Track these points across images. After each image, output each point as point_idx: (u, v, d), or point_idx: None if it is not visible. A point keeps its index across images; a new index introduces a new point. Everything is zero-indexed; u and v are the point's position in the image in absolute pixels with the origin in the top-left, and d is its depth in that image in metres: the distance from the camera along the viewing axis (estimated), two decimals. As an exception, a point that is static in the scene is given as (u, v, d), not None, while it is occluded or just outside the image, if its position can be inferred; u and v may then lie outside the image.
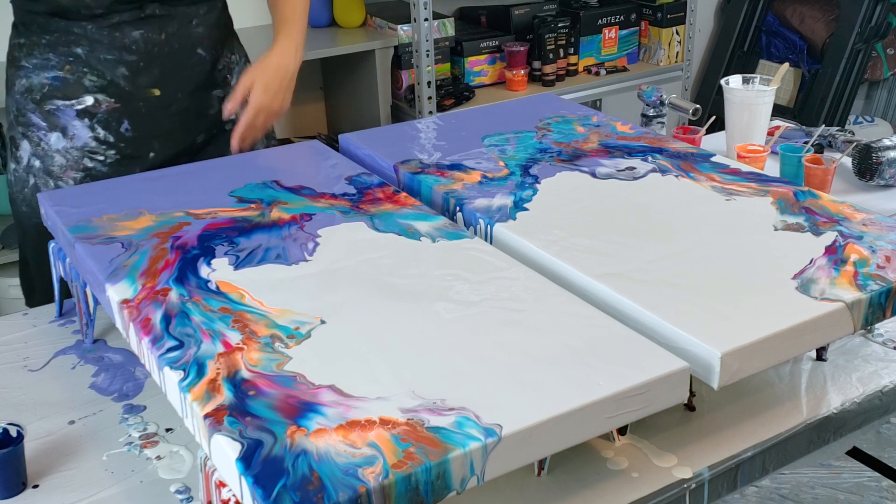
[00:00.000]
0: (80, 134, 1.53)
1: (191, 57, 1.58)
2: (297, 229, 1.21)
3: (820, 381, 1.17)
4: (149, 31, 1.53)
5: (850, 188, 1.77)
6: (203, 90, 1.62)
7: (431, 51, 2.75)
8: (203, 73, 1.61)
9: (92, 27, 1.51)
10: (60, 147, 1.54)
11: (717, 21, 3.90)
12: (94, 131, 1.54)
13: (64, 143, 1.53)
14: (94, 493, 1.01)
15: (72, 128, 1.53)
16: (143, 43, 1.53)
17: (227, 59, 1.66)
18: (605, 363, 0.93)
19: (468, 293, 1.06)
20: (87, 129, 1.53)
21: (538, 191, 1.31)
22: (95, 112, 1.53)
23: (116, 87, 1.53)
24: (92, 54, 1.51)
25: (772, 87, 1.83)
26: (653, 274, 1.09)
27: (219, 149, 1.64)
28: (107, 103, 1.53)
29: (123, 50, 1.52)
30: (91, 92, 1.52)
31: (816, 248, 1.15)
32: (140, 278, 1.09)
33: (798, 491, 2.17)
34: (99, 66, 1.52)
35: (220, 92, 1.64)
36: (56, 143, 1.54)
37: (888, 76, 3.79)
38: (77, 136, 1.53)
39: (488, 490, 0.97)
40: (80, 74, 1.52)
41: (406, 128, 1.61)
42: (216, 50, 1.63)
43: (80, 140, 1.54)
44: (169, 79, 1.56)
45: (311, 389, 0.90)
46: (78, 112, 1.53)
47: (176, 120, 1.58)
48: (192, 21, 1.58)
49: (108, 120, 1.54)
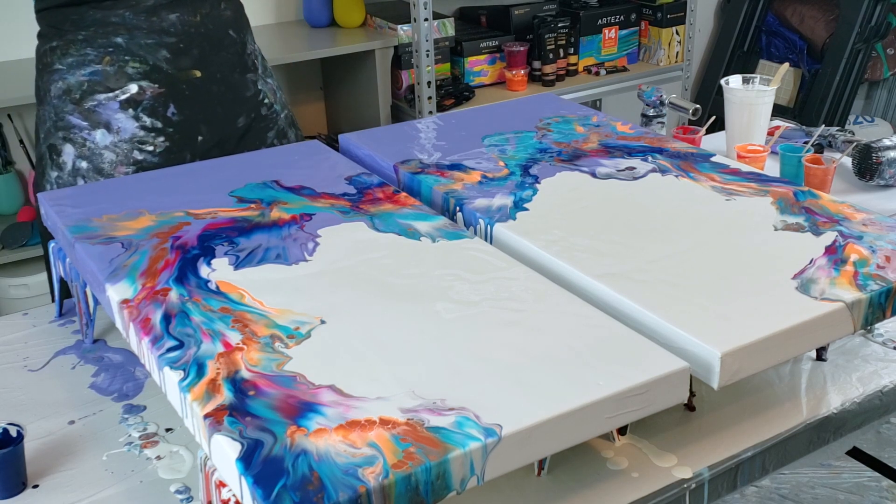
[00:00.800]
0: (125, 126, 1.53)
1: (224, 38, 1.61)
2: (297, 229, 1.21)
3: (820, 381, 1.17)
4: (184, 12, 1.56)
5: (850, 188, 1.77)
6: (238, 72, 1.64)
7: (431, 51, 2.75)
8: (237, 54, 1.63)
9: (129, 14, 1.52)
10: (108, 143, 1.52)
11: (717, 21, 3.90)
12: (140, 120, 1.53)
13: (111, 138, 1.52)
14: (94, 493, 1.01)
15: (115, 122, 1.53)
16: (181, 24, 1.55)
17: (252, 48, 1.69)
18: (605, 363, 0.93)
19: (468, 293, 1.06)
20: (132, 120, 1.53)
21: (538, 191, 1.31)
22: (140, 100, 1.53)
23: (160, 71, 1.54)
24: (132, 41, 1.53)
25: (772, 87, 1.83)
26: (653, 274, 1.09)
27: (257, 136, 1.65)
28: (151, 89, 1.54)
29: (163, 33, 1.54)
30: (135, 79, 1.53)
31: (816, 248, 1.15)
32: (140, 278, 1.10)
33: (798, 491, 2.17)
34: (140, 52, 1.53)
35: (253, 76, 1.66)
36: (102, 139, 1.52)
37: (888, 76, 3.79)
38: (123, 129, 1.53)
39: (488, 490, 0.97)
40: (121, 63, 1.53)
41: (406, 128, 1.61)
42: (244, 33, 1.67)
43: (127, 132, 1.53)
44: (208, 59, 1.59)
45: (311, 389, 0.90)
46: (121, 103, 1.53)
47: (217, 101, 1.60)
48: (220, 3, 1.62)
49: (155, 106, 1.54)
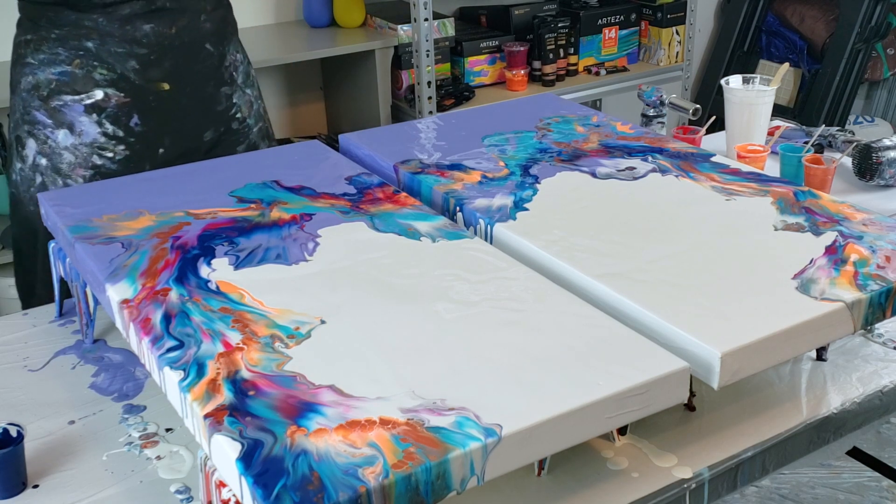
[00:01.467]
0: (88, 130, 1.53)
1: (199, 52, 1.60)
2: (297, 229, 1.21)
3: (820, 381, 1.17)
4: (159, 24, 1.54)
5: (850, 188, 1.77)
6: (211, 86, 1.63)
7: (431, 51, 2.75)
8: (211, 68, 1.62)
9: (103, 20, 1.51)
10: (69, 144, 1.53)
11: (717, 21, 3.90)
12: (103, 126, 1.54)
13: (72, 139, 1.53)
14: (94, 493, 1.01)
15: (79, 124, 1.53)
16: (154, 36, 1.54)
17: (233, 58, 1.67)
18: (605, 363, 0.93)
19: (468, 293, 1.06)
20: (95, 125, 1.53)
21: (538, 191, 1.31)
22: (105, 107, 1.53)
23: (126, 80, 1.53)
24: (102, 47, 1.52)
25: (772, 87, 1.83)
26: (653, 274, 1.09)
27: (226, 150, 1.65)
28: (116, 97, 1.53)
29: (134, 43, 1.53)
30: (101, 86, 1.53)
31: (816, 248, 1.15)
32: (140, 278, 1.10)
33: (798, 491, 2.17)
34: (109, 60, 1.52)
35: (228, 89, 1.65)
36: (64, 140, 1.53)
37: (888, 76, 3.79)
38: (85, 133, 1.53)
39: (488, 490, 0.97)
40: (89, 68, 1.52)
41: (406, 128, 1.61)
42: (222, 46, 1.64)
43: (89, 136, 1.53)
44: (179, 73, 1.57)
45: (311, 389, 0.90)
46: (86, 107, 1.53)
47: (185, 115, 1.59)
48: (200, 16, 1.59)
49: (118, 115, 1.54)
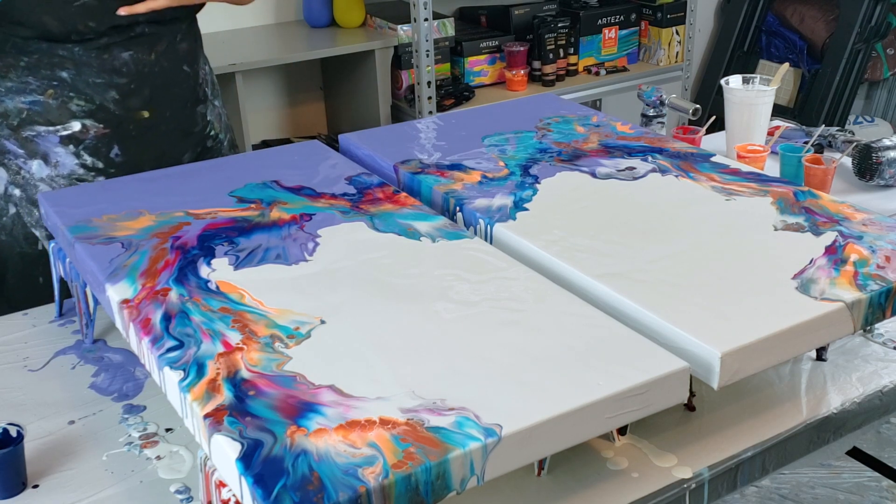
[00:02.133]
0: (64, 161, 1.47)
1: (177, 74, 1.55)
2: (297, 229, 1.21)
3: (820, 381, 1.17)
4: (138, 51, 1.48)
5: (850, 188, 1.77)
6: (189, 107, 1.58)
7: (431, 51, 2.75)
8: (189, 89, 1.58)
9: (79, 49, 1.44)
10: (44, 175, 1.48)
11: (717, 21, 3.90)
12: (81, 158, 1.48)
13: (47, 170, 1.47)
14: (94, 493, 1.01)
15: (54, 155, 1.47)
16: (134, 64, 1.48)
17: (203, 72, 1.63)
18: (605, 363, 0.93)
19: (468, 293, 1.06)
20: (72, 157, 1.47)
21: (538, 191, 1.31)
22: (83, 138, 1.47)
23: (106, 111, 1.47)
24: (79, 78, 1.45)
25: (772, 87, 1.83)
26: (653, 274, 1.09)
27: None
28: (95, 129, 1.47)
29: (114, 73, 1.47)
30: (78, 117, 1.46)
31: (816, 248, 1.15)
32: (140, 278, 1.09)
33: (798, 491, 2.17)
34: (87, 91, 1.46)
35: (202, 108, 1.61)
36: (38, 171, 1.47)
37: (888, 76, 3.79)
38: (62, 164, 1.47)
39: (488, 490, 0.97)
40: (65, 99, 1.45)
41: (406, 128, 1.61)
42: (196, 64, 1.60)
43: (66, 168, 1.48)
44: (158, 99, 1.52)
45: (311, 389, 0.90)
46: (62, 139, 1.47)
47: (165, 140, 1.55)
48: (177, 37, 1.54)
49: (97, 146, 1.48)
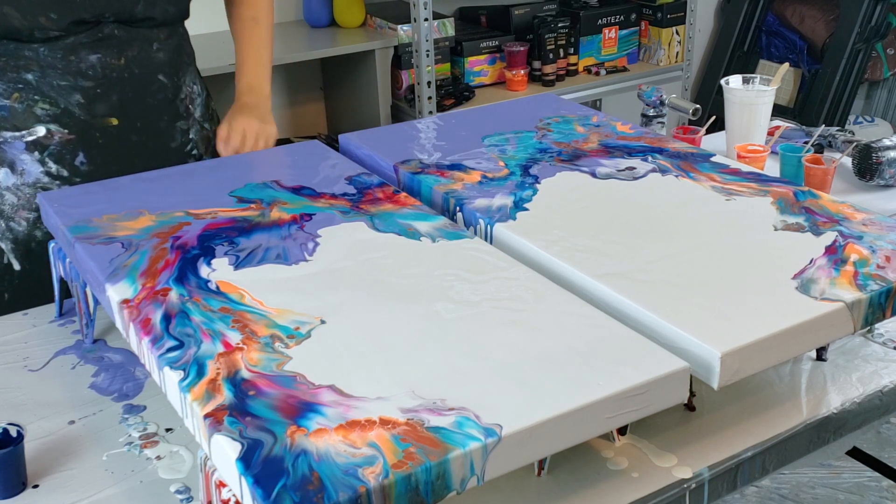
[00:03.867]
0: (30, 169, 1.43)
1: (152, 83, 1.49)
2: (297, 229, 1.21)
3: (820, 381, 1.17)
4: (106, 54, 1.43)
5: (850, 188, 1.77)
6: (165, 120, 1.52)
7: (431, 51, 2.75)
8: (165, 101, 1.51)
9: (44, 50, 1.40)
10: (10, 184, 1.44)
11: (717, 21, 3.90)
12: (46, 165, 1.43)
13: (13, 179, 1.44)
14: (94, 493, 1.01)
15: (20, 162, 1.43)
16: (101, 68, 1.43)
17: (190, 90, 1.57)
18: (605, 363, 0.93)
19: (468, 293, 1.06)
20: (37, 164, 1.43)
21: (538, 191, 1.31)
22: (47, 144, 1.43)
23: (70, 115, 1.43)
24: (44, 80, 1.41)
25: (772, 87, 1.83)
26: (653, 274, 1.09)
27: None
28: (60, 134, 1.43)
29: (79, 75, 1.42)
30: (43, 122, 1.42)
31: (816, 248, 1.15)
32: (140, 278, 1.09)
33: (798, 491, 2.17)
34: (51, 94, 1.41)
35: (184, 124, 1.55)
36: (4, 179, 1.44)
37: (888, 76, 3.79)
38: (27, 172, 1.43)
39: (488, 490, 0.97)
40: (30, 103, 1.41)
41: (406, 128, 1.61)
42: (178, 78, 1.54)
43: (31, 176, 1.44)
44: (128, 107, 1.47)
45: (311, 389, 0.90)
46: (28, 145, 1.43)
47: (136, 152, 1.49)
48: (152, 45, 1.48)
49: (62, 153, 1.44)
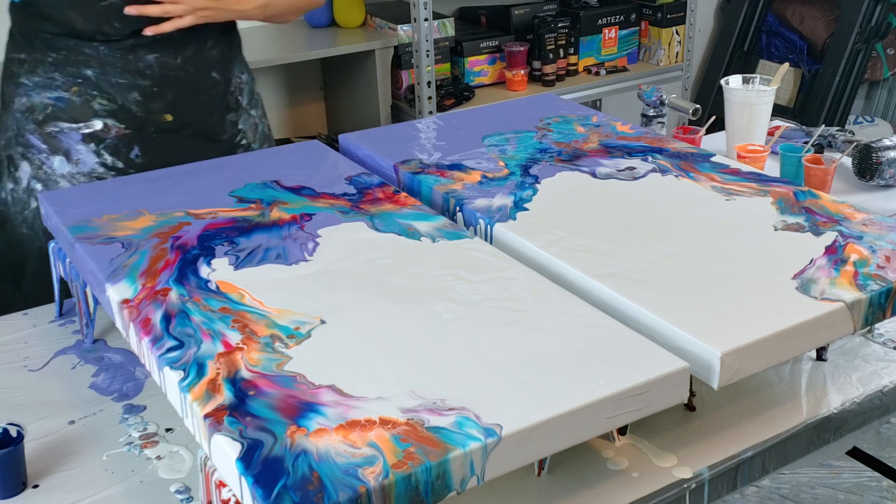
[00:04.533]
0: (85, 159, 1.48)
1: (205, 81, 1.54)
2: (297, 229, 1.21)
3: (820, 381, 1.17)
4: (164, 54, 1.48)
5: (850, 188, 1.77)
6: (216, 114, 1.58)
7: (431, 51, 2.75)
8: (217, 96, 1.57)
9: (104, 48, 1.45)
10: (65, 172, 1.49)
11: (717, 21, 3.90)
12: (101, 157, 1.49)
13: (69, 167, 1.48)
14: (94, 493, 1.01)
15: (76, 152, 1.48)
16: (158, 67, 1.48)
17: (238, 80, 1.62)
18: (605, 363, 0.93)
19: (468, 293, 1.06)
20: (93, 155, 1.48)
21: (538, 191, 1.31)
22: (104, 137, 1.48)
23: (127, 112, 1.48)
24: (103, 77, 1.46)
25: (772, 87, 1.83)
26: (653, 274, 1.09)
27: None
28: (116, 129, 1.48)
29: (137, 74, 1.47)
30: (100, 116, 1.47)
31: (816, 248, 1.15)
32: (140, 278, 1.10)
33: (798, 491, 2.17)
34: (110, 90, 1.47)
35: (234, 116, 1.60)
36: (60, 167, 1.48)
37: (888, 76, 3.79)
38: (83, 162, 1.48)
39: (488, 490, 0.97)
40: (88, 97, 1.46)
41: (406, 128, 1.61)
42: (228, 72, 1.59)
43: (87, 166, 1.49)
44: (182, 103, 1.52)
45: (311, 389, 0.90)
46: (84, 136, 1.48)
47: (188, 146, 1.54)
48: (207, 43, 1.54)
49: (118, 146, 1.49)
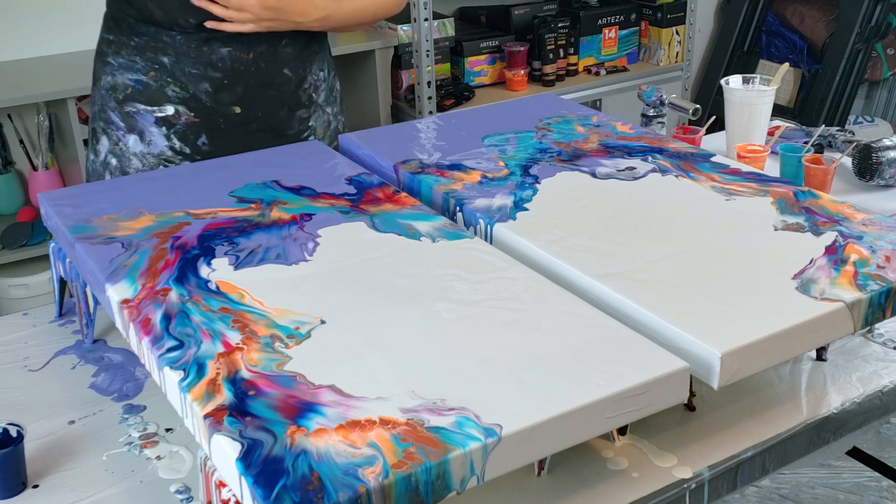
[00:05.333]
0: (157, 141, 1.53)
1: (276, 77, 1.57)
2: (297, 229, 1.21)
3: (820, 381, 1.17)
4: (237, 48, 1.52)
5: (850, 188, 1.77)
6: (285, 110, 1.60)
7: (431, 51, 2.75)
8: (287, 92, 1.59)
9: (181, 38, 1.50)
10: (138, 151, 1.54)
11: (717, 21, 3.90)
12: (171, 141, 1.53)
13: (141, 147, 1.54)
14: (94, 493, 1.01)
15: (149, 133, 1.53)
16: (230, 60, 1.52)
17: (315, 77, 1.63)
18: (605, 363, 0.93)
19: (468, 293, 1.06)
20: (163, 138, 1.53)
21: (538, 191, 1.31)
22: (175, 123, 1.53)
23: (198, 101, 1.52)
24: (177, 65, 1.51)
25: (772, 87, 1.83)
26: (653, 274, 1.09)
27: None
28: (186, 116, 1.52)
29: (209, 66, 1.51)
30: (173, 102, 1.52)
31: (816, 248, 1.15)
32: (140, 278, 1.09)
33: (798, 491, 2.17)
34: (182, 79, 1.51)
35: (304, 112, 1.62)
36: (134, 145, 1.54)
37: (888, 76, 3.79)
38: (154, 143, 1.53)
39: (488, 490, 0.97)
40: (163, 83, 1.52)
41: (406, 128, 1.61)
42: (303, 69, 1.61)
43: (157, 147, 1.54)
44: (252, 97, 1.55)
45: (311, 389, 0.90)
46: (157, 119, 1.53)
47: (254, 138, 1.57)
48: (281, 41, 1.56)
49: (186, 132, 1.54)
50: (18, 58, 2.68)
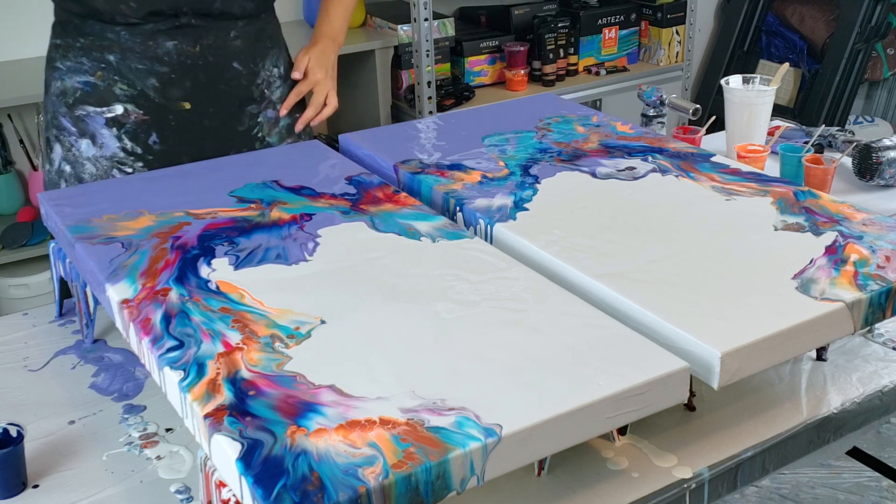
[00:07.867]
0: (108, 143, 1.51)
1: (226, 71, 1.55)
2: (297, 229, 1.21)
3: (820, 381, 1.17)
4: (183, 42, 1.49)
5: (850, 188, 1.77)
6: (236, 105, 1.58)
7: (431, 51, 2.75)
8: (238, 87, 1.57)
9: (125, 33, 1.47)
10: (90, 155, 1.52)
11: (717, 21, 3.90)
12: (122, 142, 1.51)
13: (94, 151, 1.52)
14: (94, 493, 1.01)
15: (100, 136, 1.51)
16: (177, 54, 1.49)
17: (268, 73, 1.62)
18: (605, 363, 0.93)
19: (468, 293, 1.06)
20: (115, 139, 1.51)
21: (538, 191, 1.31)
22: (124, 122, 1.51)
23: (146, 98, 1.50)
24: (123, 62, 1.49)
25: (772, 87, 1.83)
26: (653, 274, 1.09)
27: None
28: (135, 114, 1.50)
29: (155, 60, 1.49)
30: (121, 101, 1.50)
31: (816, 248, 1.15)
32: (140, 278, 1.10)
33: (798, 491, 2.17)
34: (130, 76, 1.49)
35: (255, 108, 1.60)
36: (86, 150, 1.52)
37: (888, 76, 3.79)
38: (106, 146, 1.51)
39: (488, 490, 0.97)
40: (110, 82, 1.50)
41: (406, 128, 1.61)
42: (255, 63, 1.59)
43: (109, 150, 1.52)
44: (201, 92, 1.53)
45: (311, 389, 0.90)
46: (107, 120, 1.51)
47: (206, 135, 1.55)
48: (229, 33, 1.54)
49: (137, 132, 1.52)
50: (18, 58, 2.67)
